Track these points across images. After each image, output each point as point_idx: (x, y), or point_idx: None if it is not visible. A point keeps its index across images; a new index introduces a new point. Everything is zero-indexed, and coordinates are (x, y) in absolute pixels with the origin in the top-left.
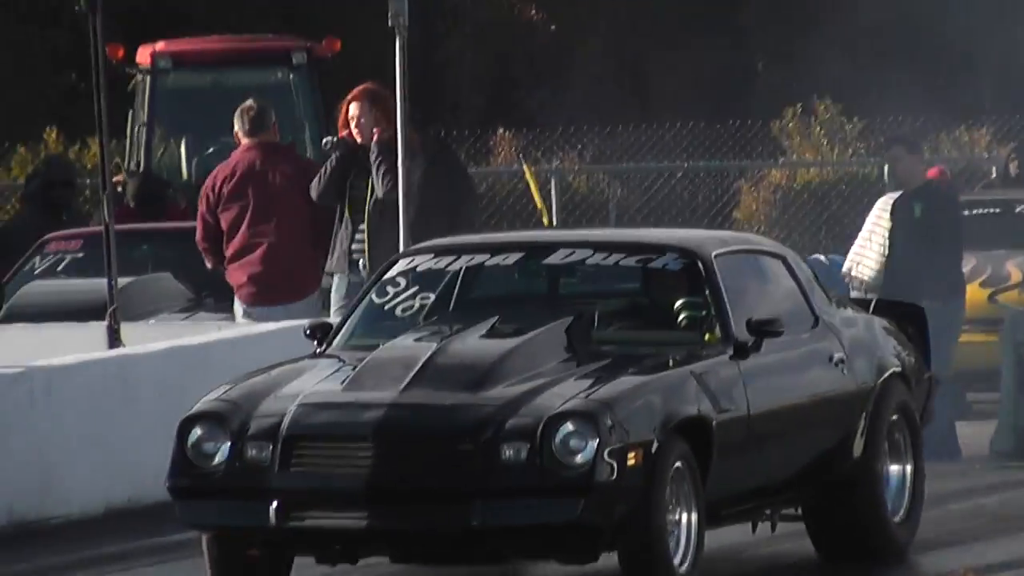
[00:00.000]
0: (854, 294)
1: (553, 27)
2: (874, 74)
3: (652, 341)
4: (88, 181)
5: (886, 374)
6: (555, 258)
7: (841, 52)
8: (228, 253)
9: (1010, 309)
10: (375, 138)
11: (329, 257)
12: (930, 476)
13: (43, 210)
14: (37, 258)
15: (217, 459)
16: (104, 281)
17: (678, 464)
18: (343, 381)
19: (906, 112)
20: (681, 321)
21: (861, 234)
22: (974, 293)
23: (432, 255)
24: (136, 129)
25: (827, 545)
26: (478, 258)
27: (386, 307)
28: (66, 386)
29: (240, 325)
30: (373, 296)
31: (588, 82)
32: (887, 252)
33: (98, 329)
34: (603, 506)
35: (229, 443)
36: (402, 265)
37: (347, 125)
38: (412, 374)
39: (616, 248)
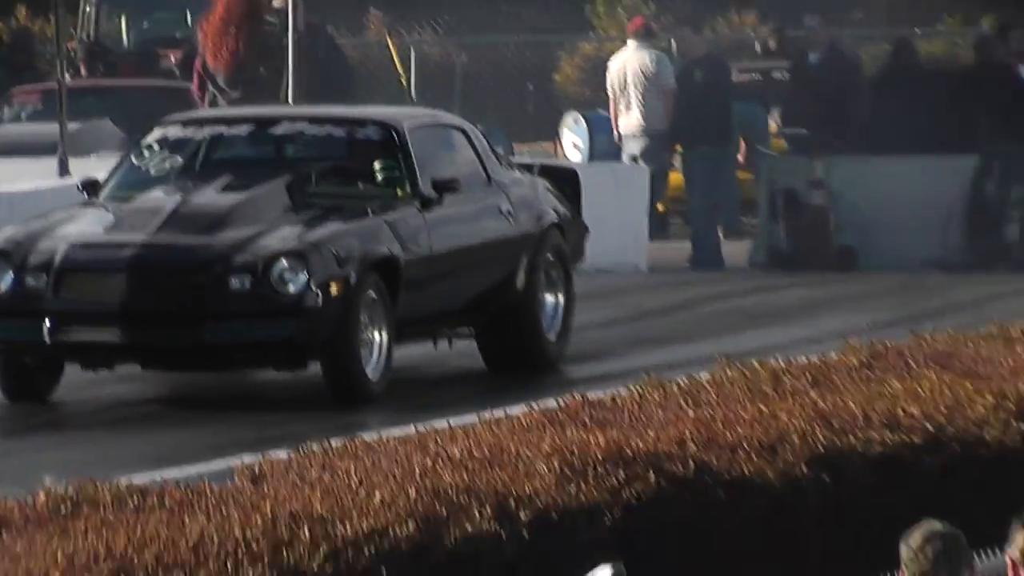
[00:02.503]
0: None
1: None
2: None
3: (356, 196)
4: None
5: (545, 224)
6: (279, 129)
7: None
8: None
9: (766, 155)
10: None
11: None
12: (698, 282)
13: (8, 70)
14: (5, 107)
15: (2, 287)
16: (56, 125)
17: (372, 293)
18: (105, 225)
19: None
20: (379, 180)
21: None
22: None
23: (181, 126)
24: (86, 6)
25: (494, 360)
26: (218, 128)
27: (143, 167)
28: (22, 208)
29: None
30: (132, 158)
31: None
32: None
33: (50, 163)
34: (310, 326)
35: (12, 274)
36: (157, 133)
37: None
38: (160, 220)
39: (328, 121)
